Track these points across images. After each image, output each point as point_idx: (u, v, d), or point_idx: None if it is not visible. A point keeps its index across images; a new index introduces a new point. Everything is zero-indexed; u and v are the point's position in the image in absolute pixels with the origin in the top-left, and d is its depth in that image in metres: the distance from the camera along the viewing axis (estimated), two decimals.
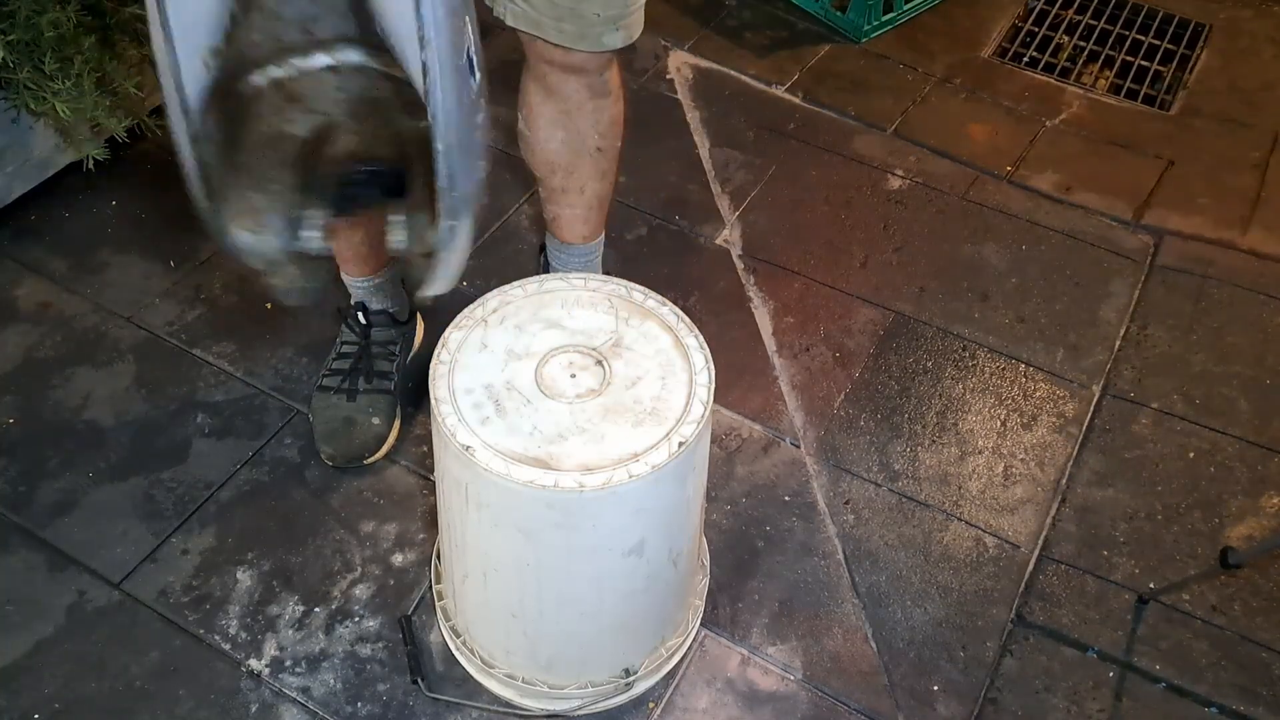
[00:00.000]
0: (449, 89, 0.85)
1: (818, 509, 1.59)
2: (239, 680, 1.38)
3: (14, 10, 1.60)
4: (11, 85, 1.67)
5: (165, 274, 1.84)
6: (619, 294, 1.23)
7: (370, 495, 1.57)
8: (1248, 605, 1.51)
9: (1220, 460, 1.67)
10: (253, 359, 1.73)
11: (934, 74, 2.34)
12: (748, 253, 1.95)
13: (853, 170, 2.12)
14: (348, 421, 1.58)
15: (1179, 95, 2.32)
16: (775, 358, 1.79)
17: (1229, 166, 2.16)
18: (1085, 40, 2.45)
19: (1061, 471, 1.66)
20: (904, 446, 1.68)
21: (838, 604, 1.49)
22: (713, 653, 1.43)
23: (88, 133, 1.79)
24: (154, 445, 1.61)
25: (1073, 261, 1.97)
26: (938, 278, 1.93)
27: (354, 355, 1.61)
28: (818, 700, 1.40)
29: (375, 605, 1.45)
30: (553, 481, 1.06)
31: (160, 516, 1.53)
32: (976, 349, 1.82)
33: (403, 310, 1.65)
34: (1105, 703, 1.41)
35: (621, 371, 1.15)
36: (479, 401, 1.12)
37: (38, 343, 1.73)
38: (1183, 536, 1.58)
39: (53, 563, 1.47)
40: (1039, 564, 1.55)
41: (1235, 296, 1.92)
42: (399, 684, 1.38)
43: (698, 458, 1.18)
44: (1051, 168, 2.13)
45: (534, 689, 1.33)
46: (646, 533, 1.16)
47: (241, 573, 1.48)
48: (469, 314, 1.20)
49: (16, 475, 1.56)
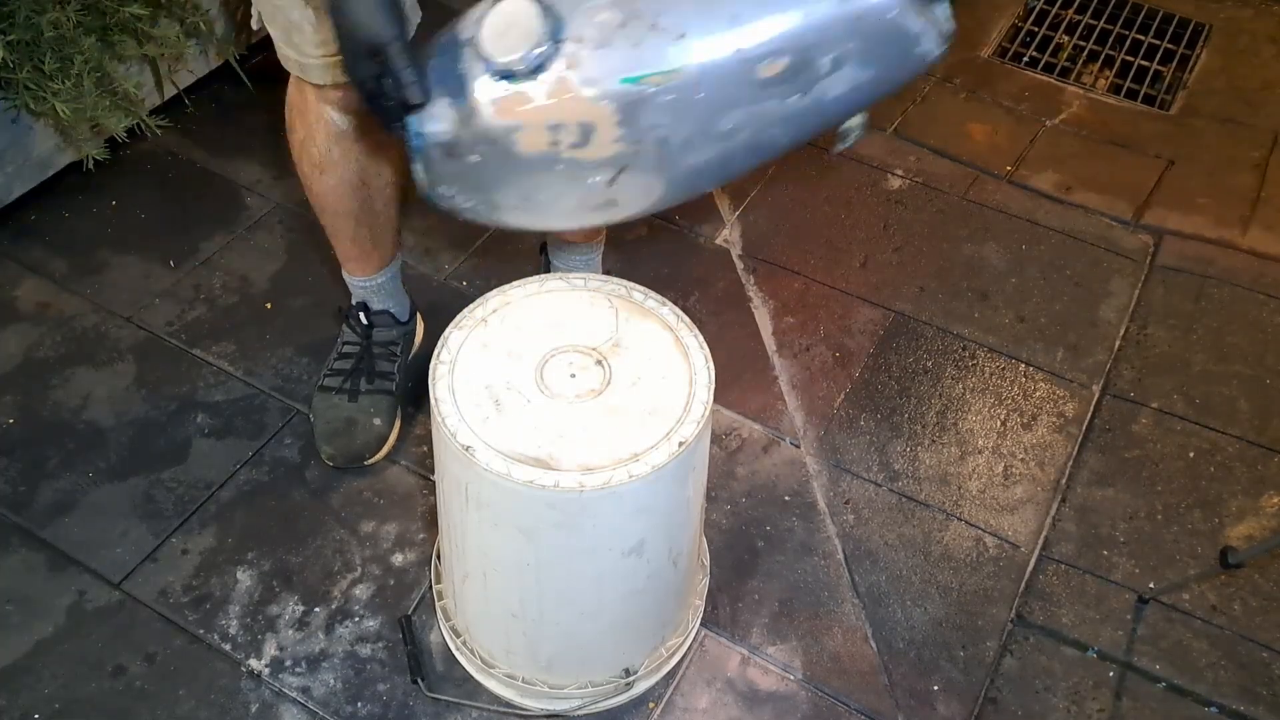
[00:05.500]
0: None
1: (818, 509, 1.60)
2: (239, 680, 1.38)
3: (14, 10, 1.61)
4: (11, 85, 1.67)
5: (165, 274, 1.84)
6: (619, 294, 1.23)
7: (370, 495, 1.57)
8: (1248, 605, 1.51)
9: (1220, 460, 1.67)
10: (253, 359, 1.73)
11: (934, 74, 2.34)
12: (748, 252, 1.95)
13: (853, 170, 2.12)
14: (349, 422, 1.58)
15: (1179, 95, 2.32)
16: (775, 357, 1.79)
17: (1229, 166, 2.16)
18: (1085, 40, 2.45)
19: (1061, 471, 1.66)
20: (904, 446, 1.68)
21: (837, 604, 1.49)
22: (713, 653, 1.43)
23: (88, 133, 1.80)
24: (154, 445, 1.61)
25: (1072, 261, 1.97)
26: (938, 278, 1.93)
27: (355, 356, 1.61)
28: (817, 700, 1.40)
29: (375, 605, 1.45)
30: (553, 481, 1.06)
31: (160, 516, 1.53)
32: (976, 349, 1.82)
33: (404, 310, 1.65)
34: (1105, 703, 1.41)
35: (621, 371, 1.15)
36: (479, 401, 1.12)
37: (37, 343, 1.73)
38: (1183, 536, 1.58)
39: (53, 563, 1.47)
40: (1039, 564, 1.55)
41: (1235, 296, 1.92)
42: (399, 684, 1.38)
43: (698, 458, 1.18)
44: (1051, 167, 2.13)
45: (534, 689, 1.33)
46: (646, 533, 1.16)
47: (241, 573, 1.48)
48: (469, 314, 1.20)
49: (16, 475, 1.56)
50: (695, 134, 0.97)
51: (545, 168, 0.98)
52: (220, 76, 2.13)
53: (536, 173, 0.99)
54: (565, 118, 0.94)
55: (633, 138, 0.95)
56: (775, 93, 0.95)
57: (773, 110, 0.97)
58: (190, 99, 2.09)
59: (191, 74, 2.08)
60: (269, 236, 1.92)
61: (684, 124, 0.96)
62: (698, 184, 1.05)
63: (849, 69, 0.96)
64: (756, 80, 0.94)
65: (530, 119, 0.95)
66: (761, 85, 0.94)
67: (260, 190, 1.99)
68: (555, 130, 0.95)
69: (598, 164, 0.97)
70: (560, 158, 0.96)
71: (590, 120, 0.94)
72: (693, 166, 1.00)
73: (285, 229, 1.93)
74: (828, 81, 0.96)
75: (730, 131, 0.97)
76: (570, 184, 1.00)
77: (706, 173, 1.03)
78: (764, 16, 0.92)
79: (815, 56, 0.94)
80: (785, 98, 0.96)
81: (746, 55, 0.93)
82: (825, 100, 0.97)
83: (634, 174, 0.99)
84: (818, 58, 0.94)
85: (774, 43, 0.93)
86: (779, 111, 0.97)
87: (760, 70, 0.93)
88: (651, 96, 0.93)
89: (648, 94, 0.93)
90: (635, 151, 0.97)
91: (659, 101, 0.93)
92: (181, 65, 2.03)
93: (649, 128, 0.95)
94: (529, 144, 0.96)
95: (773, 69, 0.93)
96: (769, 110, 0.97)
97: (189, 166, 2.03)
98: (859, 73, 0.96)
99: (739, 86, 0.94)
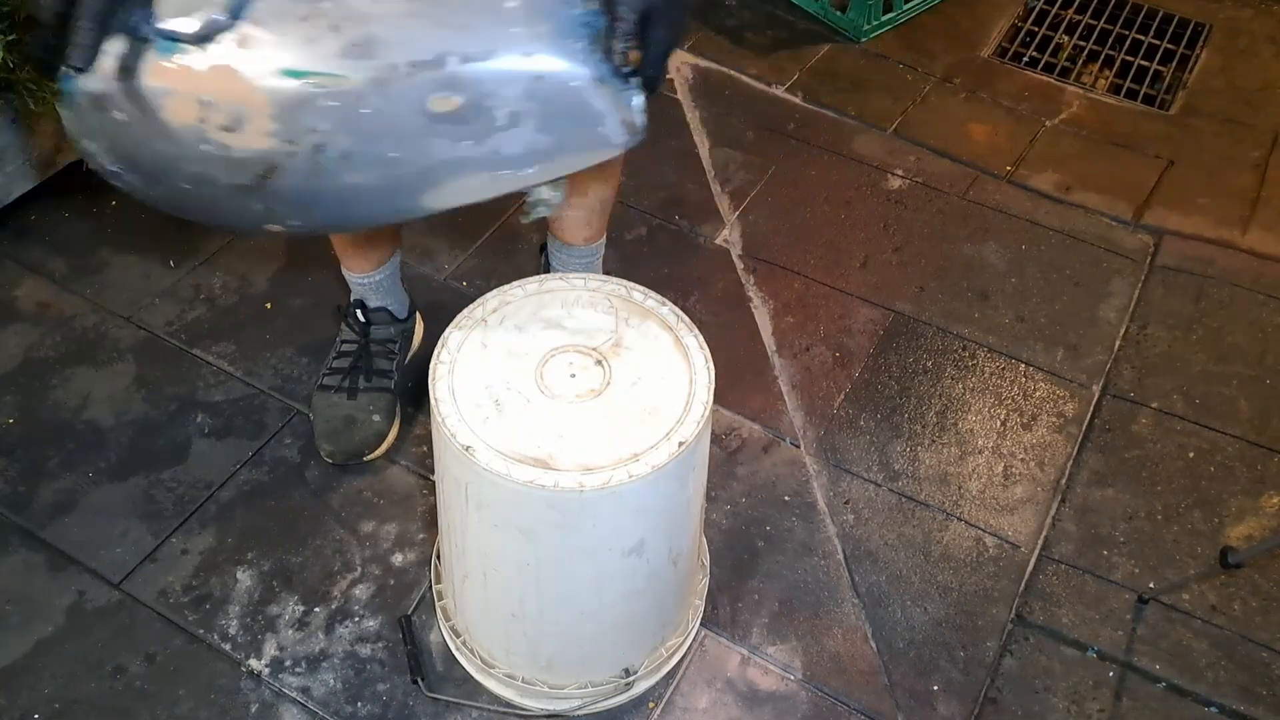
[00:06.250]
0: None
1: (818, 509, 1.60)
2: (239, 680, 1.38)
3: (14, 10, 1.60)
4: (11, 85, 1.67)
5: (165, 274, 1.84)
6: (619, 294, 1.23)
7: (370, 495, 1.57)
8: (1248, 605, 1.51)
9: (1220, 460, 1.67)
10: (253, 359, 1.73)
11: (934, 74, 2.34)
12: (748, 252, 1.95)
13: (853, 170, 2.12)
14: (348, 419, 1.58)
15: (1179, 95, 2.32)
16: (775, 357, 1.79)
17: (1229, 166, 2.16)
18: (1085, 40, 2.45)
19: (1061, 471, 1.66)
20: (904, 446, 1.68)
21: (837, 604, 1.49)
22: (713, 653, 1.44)
23: None
24: (154, 445, 1.61)
25: (1072, 261, 1.97)
26: (938, 277, 1.93)
27: (354, 354, 1.61)
28: (817, 700, 1.40)
29: (375, 605, 1.45)
30: (553, 481, 1.06)
31: (160, 516, 1.53)
32: (976, 349, 1.82)
33: (402, 307, 1.65)
34: (1105, 703, 1.41)
35: (621, 371, 1.15)
36: (479, 401, 1.12)
37: (37, 343, 1.73)
38: (1183, 536, 1.58)
39: (53, 563, 1.47)
40: (1039, 564, 1.55)
41: (1235, 296, 1.92)
42: (399, 684, 1.38)
43: (698, 458, 1.18)
44: (1051, 167, 2.13)
45: (534, 689, 1.33)
46: (646, 533, 1.16)
47: (241, 573, 1.48)
48: (469, 314, 1.20)
49: (16, 475, 1.56)
50: (356, 151, 0.94)
51: (191, 145, 0.94)
52: None
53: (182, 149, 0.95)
54: (219, 95, 0.91)
55: (286, 135, 0.92)
56: (446, 131, 0.94)
57: (442, 150, 0.95)
58: None
59: None
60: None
61: (344, 136, 0.93)
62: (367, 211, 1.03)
63: (526, 130, 0.94)
64: (427, 111, 0.92)
65: (182, 87, 0.91)
66: (432, 119, 0.93)
67: None
68: (206, 107, 0.91)
69: (247, 156, 0.94)
70: (207, 137, 0.93)
71: (243, 104, 0.91)
72: (353, 187, 0.97)
73: None
74: (503, 136, 0.94)
75: (396, 160, 0.95)
76: (217, 170, 0.96)
77: (373, 200, 1.00)
78: (447, 50, 0.91)
79: (491, 105, 0.93)
80: (456, 140, 0.94)
81: (418, 83, 0.91)
82: (501, 156, 0.96)
83: (287, 178, 0.96)
84: (494, 107, 0.93)
85: (449, 78, 0.91)
86: (450, 154, 0.95)
87: (432, 103, 0.92)
88: (312, 97, 0.91)
89: (309, 93, 0.91)
90: (288, 152, 0.94)
91: (320, 105, 0.91)
92: None
93: (306, 129, 0.92)
94: (177, 113, 0.92)
95: (445, 105, 0.92)
96: (438, 149, 0.95)
97: None
98: (536, 136, 0.95)
99: (407, 114, 0.92)
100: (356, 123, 0.93)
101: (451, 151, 0.95)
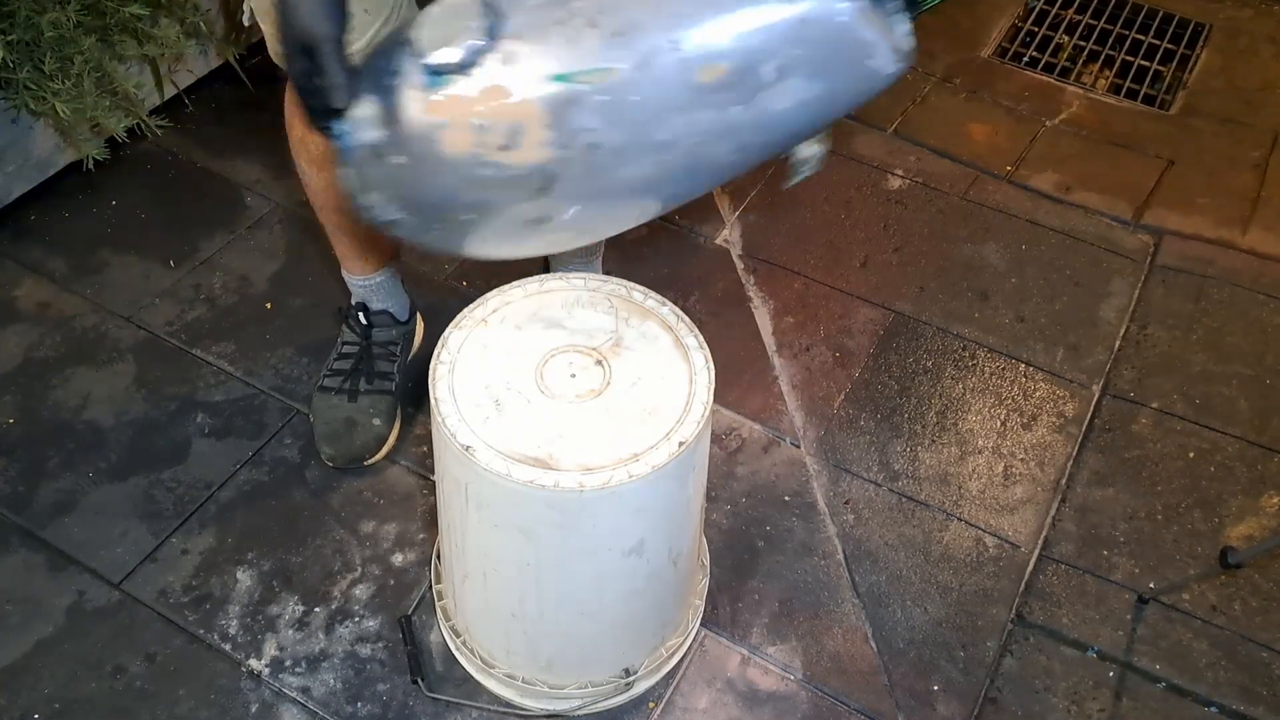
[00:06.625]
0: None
1: (818, 509, 1.60)
2: (239, 680, 1.38)
3: (14, 10, 1.61)
4: (11, 85, 1.67)
5: (165, 274, 1.84)
6: (619, 294, 1.23)
7: (370, 495, 1.57)
8: (1248, 605, 1.51)
9: (1220, 460, 1.67)
10: (253, 359, 1.73)
11: (934, 74, 2.34)
12: (748, 252, 1.95)
13: (853, 170, 2.12)
14: (349, 422, 1.58)
15: (1179, 95, 2.32)
16: (775, 357, 1.79)
17: (1229, 166, 2.16)
18: (1085, 40, 2.45)
19: (1061, 471, 1.66)
20: (904, 446, 1.68)
21: (838, 604, 1.49)
22: (713, 653, 1.43)
23: (88, 133, 1.80)
24: (154, 445, 1.61)
25: (1072, 261, 1.97)
26: (938, 278, 1.93)
27: (355, 356, 1.61)
28: (818, 700, 1.40)
29: (375, 605, 1.45)
30: (553, 481, 1.06)
31: (160, 516, 1.53)
32: (976, 349, 1.82)
33: (403, 310, 1.65)
34: (1105, 703, 1.41)
35: (621, 371, 1.15)
36: (479, 401, 1.12)
37: (37, 343, 1.73)
38: (1183, 536, 1.58)
39: (53, 563, 1.47)
40: (1039, 564, 1.55)
41: (1235, 296, 1.92)
42: (399, 684, 1.38)
43: (698, 458, 1.18)
44: (1051, 167, 2.13)
45: (534, 689, 1.33)
46: (646, 533, 1.16)
47: (241, 573, 1.48)
48: (469, 314, 1.20)
49: (16, 475, 1.56)
50: (629, 142, 0.94)
51: (470, 171, 0.94)
52: (220, 76, 2.13)
53: (461, 178, 0.95)
54: (493, 116, 0.91)
55: (562, 141, 0.92)
56: (714, 100, 0.92)
57: (712, 121, 0.93)
58: (190, 99, 2.09)
59: (191, 74, 2.08)
60: (269, 236, 1.92)
61: (617, 129, 0.93)
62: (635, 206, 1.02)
63: (795, 80, 0.92)
64: (694, 85, 0.91)
65: (456, 116, 0.91)
66: (699, 91, 0.91)
67: (260, 190, 1.99)
68: (481, 130, 0.92)
69: (526, 170, 0.94)
70: (485, 160, 0.93)
71: (518, 119, 0.91)
72: (627, 181, 0.97)
73: (285, 229, 1.93)
74: (771, 92, 0.92)
75: (666, 143, 0.94)
76: (495, 193, 0.96)
77: (644, 190, 0.99)
78: (705, 17, 0.90)
79: (757, 62, 0.90)
80: (725, 107, 0.92)
81: (685, 57, 0.89)
82: (770, 114, 0.94)
83: (565, 186, 0.95)
84: (760, 63, 0.90)
85: (714, 44, 0.89)
86: (719, 122, 0.93)
87: (699, 74, 0.90)
88: (583, 96, 0.90)
89: (579, 93, 0.90)
90: (565, 158, 0.93)
91: (590, 102, 0.91)
92: (181, 65, 2.03)
93: (579, 130, 0.92)
94: (453, 143, 0.92)
95: (712, 73, 0.90)
96: (708, 120, 0.93)
97: (189, 166, 2.03)
98: (806, 85, 0.92)
99: (676, 91, 0.91)
100: (626, 112, 0.92)
101: (721, 120, 0.93)
